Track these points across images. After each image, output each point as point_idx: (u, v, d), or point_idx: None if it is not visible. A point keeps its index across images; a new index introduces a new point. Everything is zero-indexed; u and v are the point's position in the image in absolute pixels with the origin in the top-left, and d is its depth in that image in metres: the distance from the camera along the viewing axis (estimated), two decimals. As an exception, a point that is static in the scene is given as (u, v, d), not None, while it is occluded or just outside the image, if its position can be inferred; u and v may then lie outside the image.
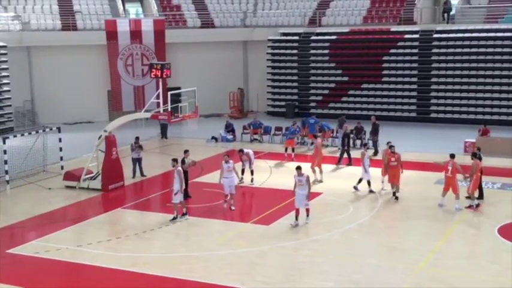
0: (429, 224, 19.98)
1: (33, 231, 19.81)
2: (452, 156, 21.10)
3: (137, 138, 26.14)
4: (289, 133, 29.94)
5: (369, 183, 22.99)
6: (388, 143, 23.15)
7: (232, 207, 21.08)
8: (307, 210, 19.75)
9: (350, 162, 27.48)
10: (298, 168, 19.67)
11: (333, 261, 16.94)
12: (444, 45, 37.94)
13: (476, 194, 21.27)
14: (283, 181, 23.67)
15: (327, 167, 26.15)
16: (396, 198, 22.04)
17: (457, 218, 20.32)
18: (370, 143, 29.28)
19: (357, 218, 20.36)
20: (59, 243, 18.44)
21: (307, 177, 19.66)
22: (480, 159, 21.47)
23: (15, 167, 25.61)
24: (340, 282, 15.50)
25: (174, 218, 20.29)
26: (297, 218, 19.52)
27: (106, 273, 16.32)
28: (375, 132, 29.69)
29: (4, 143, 24.44)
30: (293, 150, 28.51)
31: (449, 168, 20.86)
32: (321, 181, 24.67)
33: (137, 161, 26.00)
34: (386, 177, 22.70)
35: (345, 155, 27.79)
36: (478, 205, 20.94)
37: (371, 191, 22.86)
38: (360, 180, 23.10)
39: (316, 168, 24.88)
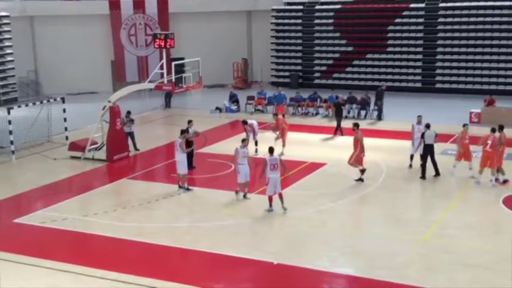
0: (433, 195, 20.03)
1: (39, 201, 19.90)
2: (493, 130, 20.26)
3: (128, 112, 25.93)
4: (276, 99, 30.35)
5: (411, 157, 22.17)
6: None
7: (248, 195, 19.53)
8: (280, 196, 18.20)
9: (341, 133, 27.31)
10: (270, 150, 18.52)
11: (338, 232, 16.99)
12: (450, 15, 37.58)
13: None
14: (288, 151, 23.84)
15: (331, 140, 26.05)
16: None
17: (461, 188, 20.32)
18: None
19: (361, 189, 20.36)
20: (65, 213, 18.52)
21: (280, 160, 18.30)
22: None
23: (20, 137, 25.67)
24: (345, 252, 15.58)
25: (180, 187, 20.41)
26: (271, 205, 18.23)
27: (112, 243, 16.41)
28: (378, 97, 30.09)
29: (9, 113, 24.45)
30: (283, 116, 27.45)
31: (489, 142, 19.93)
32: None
33: (129, 135, 25.80)
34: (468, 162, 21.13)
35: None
36: (506, 181, 20.31)
37: (410, 166, 22.16)
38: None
39: (278, 142, 24.18)
